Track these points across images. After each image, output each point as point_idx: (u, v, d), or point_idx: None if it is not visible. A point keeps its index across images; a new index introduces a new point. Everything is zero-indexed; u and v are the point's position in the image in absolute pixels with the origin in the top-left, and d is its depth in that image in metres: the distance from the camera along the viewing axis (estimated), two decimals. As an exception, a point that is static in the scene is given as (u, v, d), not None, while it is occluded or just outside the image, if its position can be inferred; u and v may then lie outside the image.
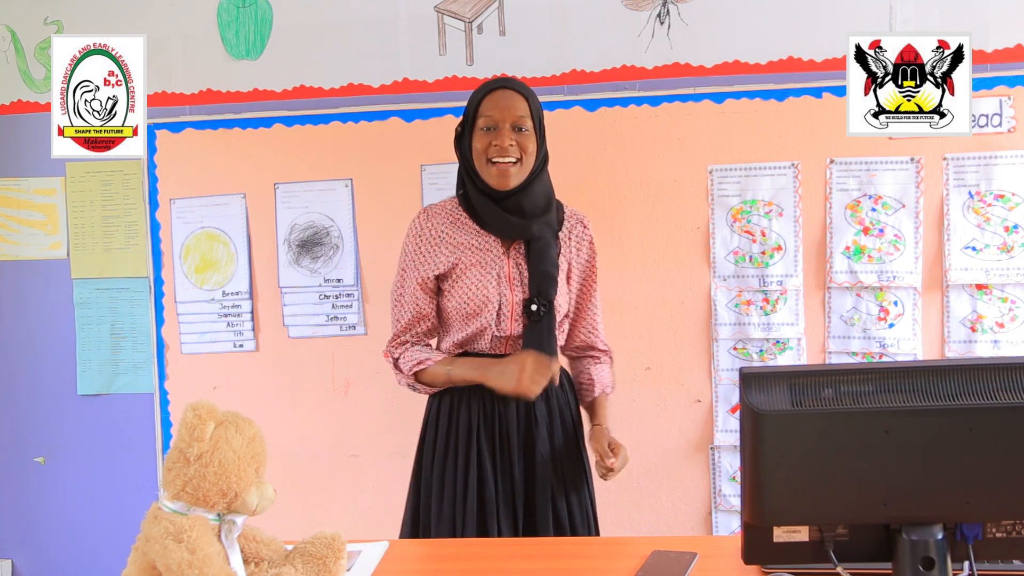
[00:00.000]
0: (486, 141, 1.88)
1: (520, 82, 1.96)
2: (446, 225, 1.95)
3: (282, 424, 2.69)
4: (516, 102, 1.90)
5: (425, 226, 1.95)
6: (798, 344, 2.52)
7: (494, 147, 1.87)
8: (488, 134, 1.88)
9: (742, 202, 2.53)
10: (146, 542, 1.30)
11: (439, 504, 1.96)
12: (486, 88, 1.93)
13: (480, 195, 1.92)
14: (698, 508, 2.59)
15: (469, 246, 1.93)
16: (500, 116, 1.88)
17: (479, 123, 1.90)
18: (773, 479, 1.17)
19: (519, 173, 1.89)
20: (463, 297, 1.91)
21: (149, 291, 2.77)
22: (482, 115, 1.90)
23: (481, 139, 1.89)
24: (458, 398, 1.96)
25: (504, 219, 1.91)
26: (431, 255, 1.93)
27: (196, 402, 1.31)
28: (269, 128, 2.68)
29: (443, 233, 1.94)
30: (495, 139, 1.87)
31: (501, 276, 1.92)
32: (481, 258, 1.92)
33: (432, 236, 1.94)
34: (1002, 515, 1.19)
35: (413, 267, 1.95)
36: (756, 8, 2.50)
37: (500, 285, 1.91)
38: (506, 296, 1.91)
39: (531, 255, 1.91)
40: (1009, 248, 2.43)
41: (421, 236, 1.95)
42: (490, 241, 1.93)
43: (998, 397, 1.13)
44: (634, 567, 1.51)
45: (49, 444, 2.85)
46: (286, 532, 1.53)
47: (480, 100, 1.91)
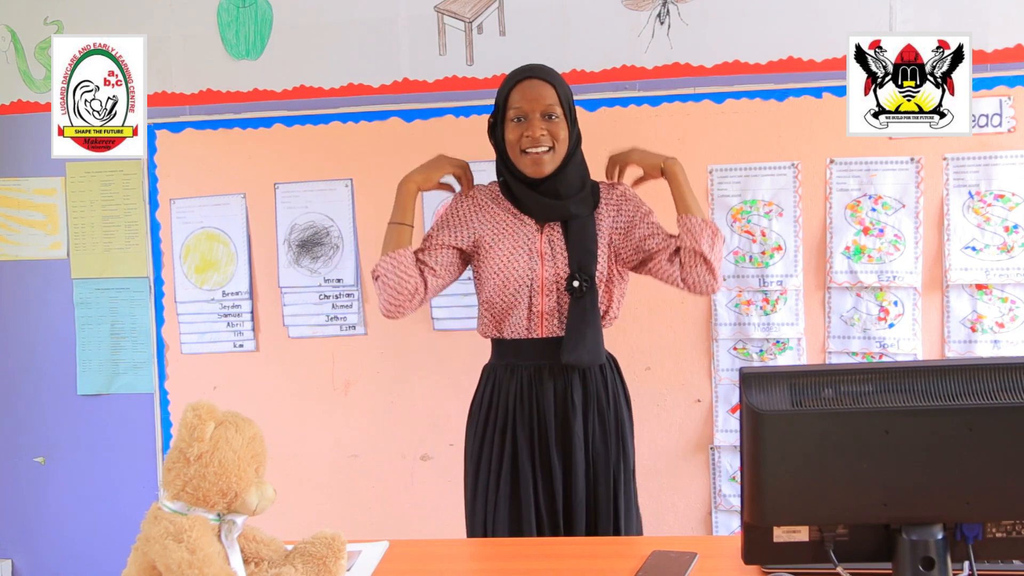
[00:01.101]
0: (518, 132, 1.91)
1: (546, 68, 1.97)
2: (488, 198, 2.01)
3: (282, 424, 2.69)
4: (544, 91, 1.92)
5: (471, 193, 2.02)
6: (798, 344, 2.52)
7: (526, 138, 1.90)
8: (519, 125, 1.91)
9: (742, 202, 2.53)
10: (146, 542, 1.30)
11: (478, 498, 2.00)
12: (513, 79, 1.95)
13: (517, 182, 1.96)
14: (698, 508, 2.59)
15: (504, 221, 1.98)
16: (529, 107, 1.91)
17: (509, 114, 1.93)
18: (773, 479, 1.17)
19: (553, 160, 1.92)
20: (494, 268, 1.95)
21: (149, 291, 2.77)
22: (512, 107, 1.93)
23: (513, 130, 1.92)
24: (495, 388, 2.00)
25: (541, 202, 1.94)
26: (467, 220, 2.00)
27: (196, 402, 1.31)
28: (269, 128, 2.68)
29: (484, 203, 2.00)
30: (526, 130, 1.90)
31: (533, 251, 1.95)
32: (514, 232, 1.97)
33: (473, 205, 2.00)
34: (1002, 515, 1.19)
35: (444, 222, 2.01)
36: (756, 8, 2.50)
37: (531, 259, 1.95)
38: (536, 270, 1.95)
39: (570, 232, 1.95)
40: (1009, 248, 2.43)
41: (461, 203, 2.01)
42: (525, 220, 1.97)
43: (998, 397, 1.13)
44: (634, 567, 1.51)
45: (49, 444, 2.85)
46: (286, 532, 1.53)
47: (509, 91, 1.94)
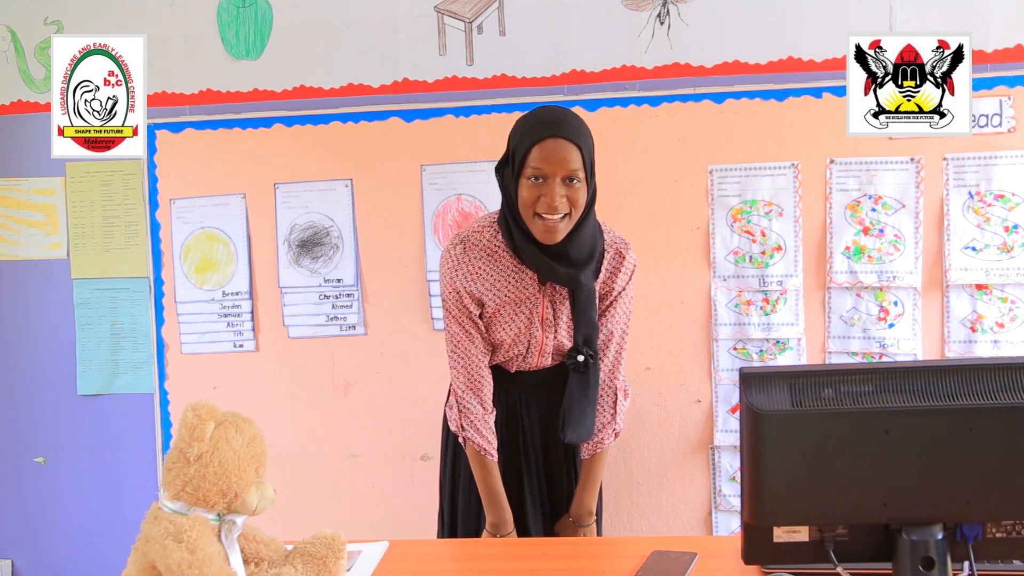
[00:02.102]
0: (535, 194, 1.73)
1: (573, 124, 1.77)
2: (483, 260, 1.84)
3: (282, 424, 2.69)
4: (569, 153, 1.72)
5: (462, 259, 1.85)
6: (798, 344, 2.52)
7: (543, 203, 1.72)
8: (537, 186, 1.73)
9: (742, 202, 2.53)
10: (146, 542, 1.30)
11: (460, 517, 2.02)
12: (535, 134, 1.73)
13: (525, 239, 1.79)
14: (698, 508, 2.59)
15: (506, 284, 1.85)
16: (551, 169, 1.71)
17: (527, 172, 1.73)
18: (773, 479, 1.17)
19: (567, 226, 1.76)
20: (494, 330, 1.90)
21: (149, 291, 2.77)
22: (530, 165, 1.73)
23: (529, 191, 1.73)
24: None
25: (549, 265, 1.79)
26: (468, 287, 1.85)
27: (196, 402, 1.31)
28: (269, 128, 2.68)
29: (481, 269, 1.84)
30: (544, 194, 1.72)
31: (534, 316, 1.88)
32: (516, 297, 1.86)
33: (470, 273, 1.85)
34: (1002, 515, 1.19)
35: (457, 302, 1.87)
36: (756, 8, 2.50)
37: (531, 326, 1.89)
38: (536, 336, 1.90)
39: (576, 303, 1.83)
40: (1009, 248, 2.43)
41: (458, 268, 1.85)
42: (527, 278, 1.85)
43: (998, 397, 1.13)
44: (634, 567, 1.51)
45: (49, 444, 2.85)
46: (286, 532, 1.53)
47: (529, 148, 1.73)
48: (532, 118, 1.80)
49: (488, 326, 1.90)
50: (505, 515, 1.91)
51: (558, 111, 1.81)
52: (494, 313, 1.87)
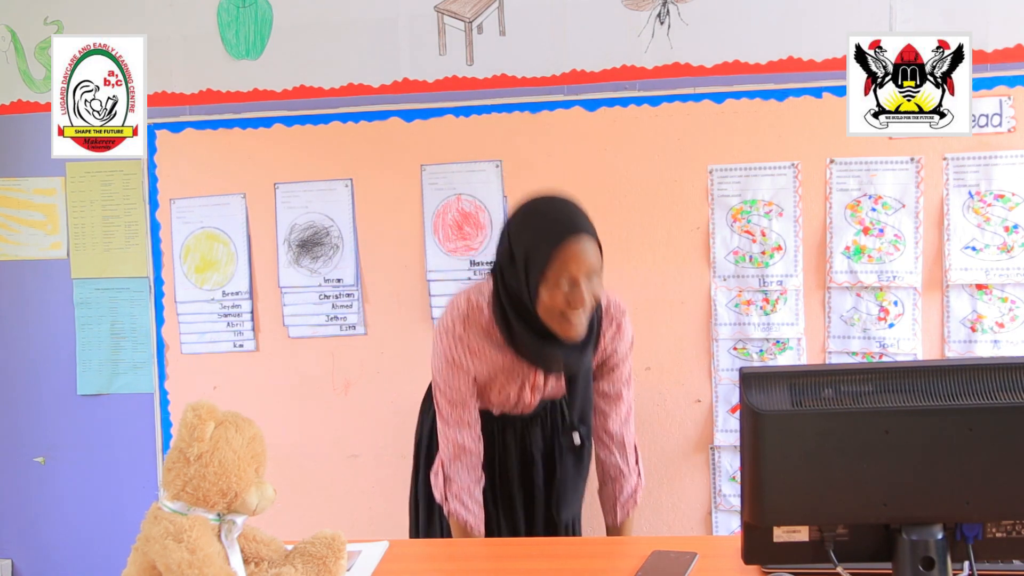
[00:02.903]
0: (561, 297, 1.67)
1: (583, 214, 1.73)
2: (482, 339, 1.81)
3: (282, 424, 2.69)
4: (592, 251, 1.69)
5: (463, 336, 1.81)
6: (798, 344, 2.52)
7: (570, 305, 1.68)
8: (563, 290, 1.67)
9: (742, 202, 2.53)
10: (146, 542, 1.30)
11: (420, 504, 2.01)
12: (555, 238, 1.67)
13: (531, 336, 1.75)
14: (698, 508, 2.59)
15: (502, 361, 1.82)
16: (577, 271, 1.67)
17: (552, 277, 1.67)
18: (773, 479, 1.17)
19: (587, 319, 1.74)
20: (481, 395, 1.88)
21: (149, 291, 2.77)
22: (557, 269, 1.66)
23: (555, 295, 1.68)
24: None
25: (553, 356, 1.77)
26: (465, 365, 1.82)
27: (196, 402, 1.31)
28: (269, 128, 2.69)
29: (479, 348, 1.81)
30: (572, 296, 1.67)
31: (525, 384, 1.87)
32: (510, 370, 1.84)
33: (470, 347, 1.81)
34: (1002, 515, 1.19)
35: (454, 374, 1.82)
36: (756, 8, 2.50)
37: (523, 391, 1.88)
38: (525, 399, 1.90)
39: (573, 383, 1.83)
40: (1009, 248, 2.43)
41: (458, 344, 1.81)
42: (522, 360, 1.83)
43: (998, 397, 1.13)
44: (634, 567, 1.51)
45: (49, 444, 2.85)
46: (286, 532, 1.53)
47: (550, 253, 1.66)
48: (541, 218, 1.73)
49: (478, 389, 1.87)
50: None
51: (561, 203, 1.76)
52: (485, 382, 1.85)
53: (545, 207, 1.75)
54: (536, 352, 1.77)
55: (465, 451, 1.85)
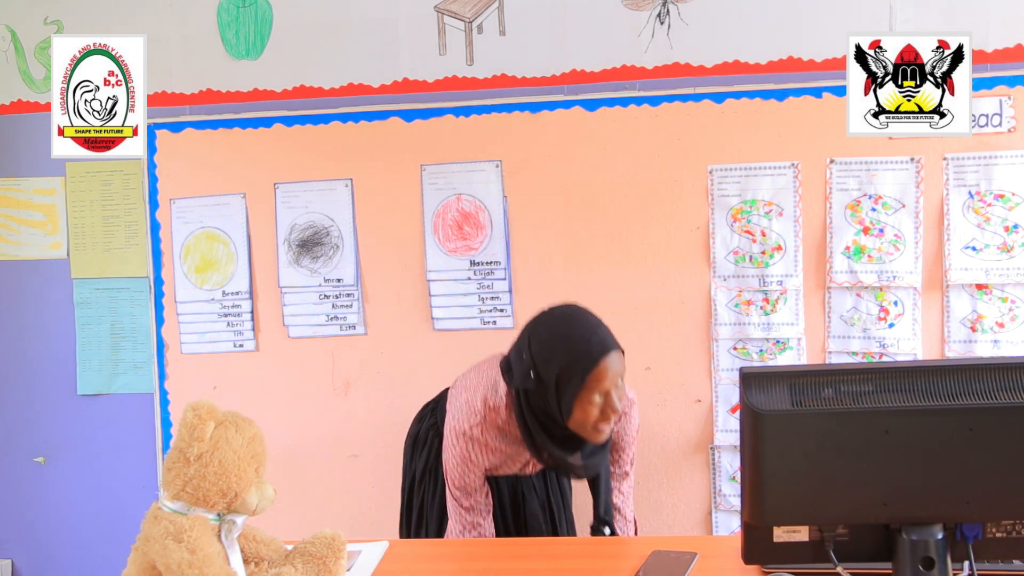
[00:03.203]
0: (596, 412, 1.74)
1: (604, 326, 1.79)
2: (497, 439, 1.86)
3: (282, 424, 2.69)
4: (621, 362, 1.76)
5: (479, 439, 1.85)
6: (798, 344, 2.52)
7: (605, 417, 1.75)
8: (597, 404, 1.74)
9: (742, 202, 2.53)
10: (146, 542, 1.30)
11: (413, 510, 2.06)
12: (589, 360, 1.72)
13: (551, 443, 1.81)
14: (698, 508, 2.59)
15: (515, 454, 1.89)
16: (612, 382, 1.74)
17: (587, 395, 1.73)
18: (773, 479, 1.17)
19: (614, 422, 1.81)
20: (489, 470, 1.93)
21: (149, 291, 2.77)
22: (594, 387, 1.73)
23: (588, 410, 1.74)
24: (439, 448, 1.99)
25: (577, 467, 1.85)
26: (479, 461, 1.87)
27: (196, 402, 1.31)
28: (269, 128, 2.68)
29: (495, 446, 1.86)
30: (606, 408, 1.74)
31: (530, 462, 1.94)
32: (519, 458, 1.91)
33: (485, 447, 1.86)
34: (1002, 515, 1.19)
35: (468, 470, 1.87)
36: (756, 8, 2.50)
37: (525, 467, 1.95)
38: (528, 469, 1.97)
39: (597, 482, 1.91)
40: (1009, 248, 2.43)
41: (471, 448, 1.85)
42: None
43: (998, 397, 1.13)
44: (634, 567, 1.51)
45: (49, 444, 2.85)
46: (286, 532, 1.53)
47: (587, 376, 1.72)
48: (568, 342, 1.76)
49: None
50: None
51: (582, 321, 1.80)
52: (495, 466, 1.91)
53: (568, 329, 1.78)
54: (559, 461, 1.84)
55: (475, 525, 1.90)
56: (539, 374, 1.75)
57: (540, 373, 1.75)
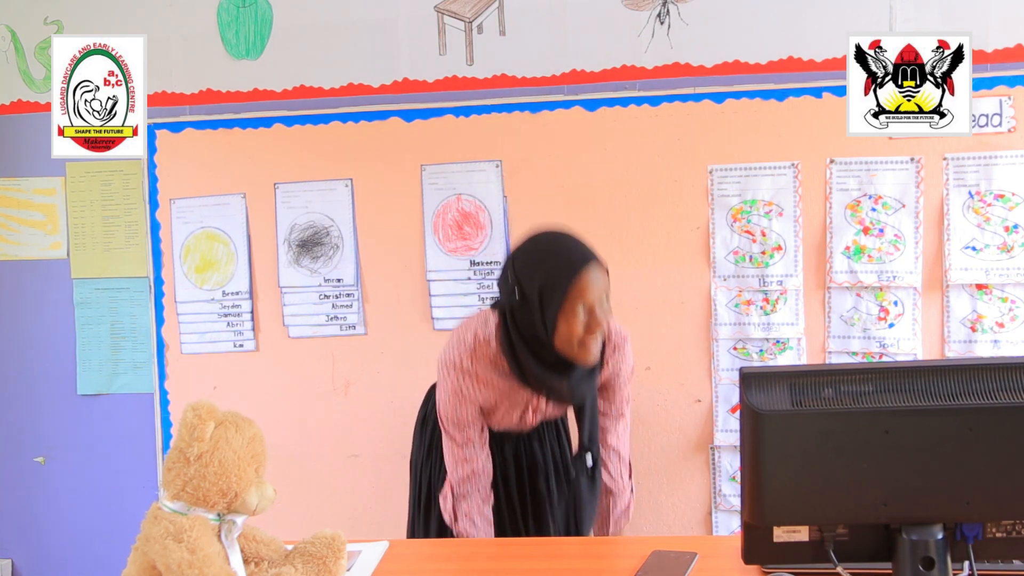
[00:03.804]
0: (579, 325, 1.74)
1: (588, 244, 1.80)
2: (489, 370, 1.86)
3: (282, 424, 2.69)
4: (602, 275, 1.77)
5: (471, 370, 1.85)
6: (798, 344, 2.52)
7: (590, 330, 1.75)
8: (581, 318, 1.74)
9: (742, 202, 2.53)
10: (146, 542, 1.30)
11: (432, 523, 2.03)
12: (572, 269, 1.74)
13: (539, 366, 1.80)
14: (698, 508, 2.59)
15: (509, 390, 1.88)
16: (593, 297, 1.74)
17: (570, 306, 1.73)
18: (773, 479, 1.17)
19: (600, 343, 1.81)
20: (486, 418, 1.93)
21: (149, 291, 2.77)
22: (574, 300, 1.73)
23: (575, 323, 1.73)
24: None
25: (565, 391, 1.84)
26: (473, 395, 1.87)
27: (196, 402, 1.31)
28: (269, 128, 2.68)
29: (488, 378, 1.86)
30: (591, 322, 1.74)
31: (528, 407, 1.93)
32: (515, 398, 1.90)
33: (478, 378, 1.86)
34: (1002, 515, 1.19)
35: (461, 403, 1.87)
36: (756, 8, 2.50)
37: (525, 413, 1.94)
38: (527, 420, 1.95)
39: (582, 409, 1.89)
40: (1009, 248, 2.43)
41: (465, 377, 1.85)
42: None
43: (998, 397, 1.13)
44: (634, 567, 1.51)
45: (49, 444, 2.85)
46: (286, 532, 1.53)
47: (569, 285, 1.73)
48: (550, 256, 1.77)
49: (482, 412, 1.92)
50: None
51: (564, 237, 1.81)
52: (491, 408, 1.91)
53: (549, 244, 1.80)
54: (547, 385, 1.83)
55: (474, 474, 1.90)
56: (523, 291, 1.77)
57: (524, 290, 1.76)
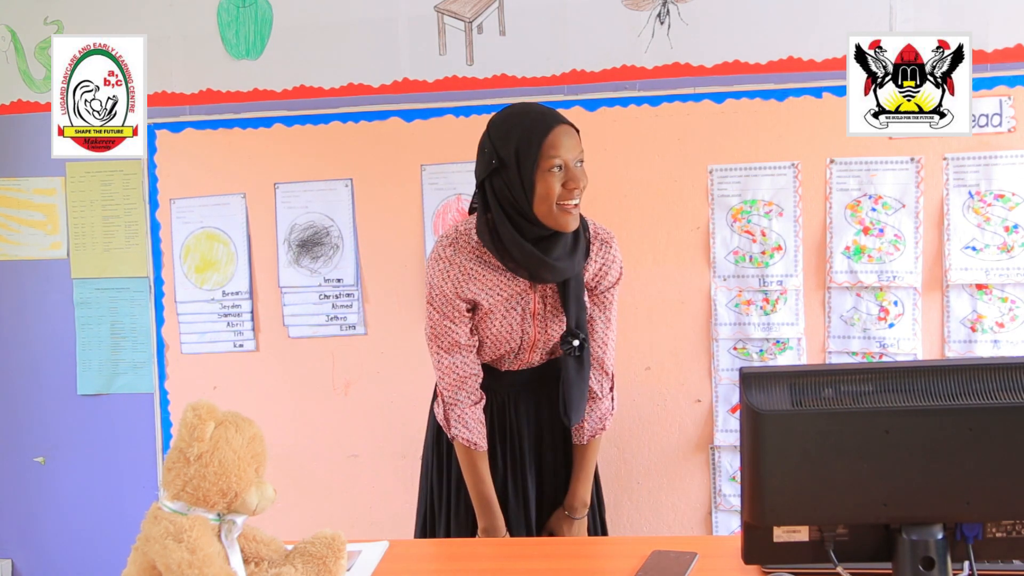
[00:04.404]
0: (556, 184, 1.75)
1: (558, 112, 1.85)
2: (473, 261, 1.84)
3: (282, 424, 2.69)
4: (576, 137, 1.80)
5: (454, 259, 1.84)
6: (798, 344, 2.52)
7: (567, 189, 1.75)
8: (557, 176, 1.75)
9: (742, 202, 2.53)
10: (146, 542, 1.30)
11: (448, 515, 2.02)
12: (543, 127, 1.77)
13: (523, 243, 1.79)
14: (698, 508, 2.59)
15: (497, 283, 1.85)
16: (569, 155, 1.76)
17: (544, 164, 1.74)
18: (773, 479, 1.17)
19: (578, 209, 1.80)
20: (487, 330, 1.90)
21: (149, 291, 2.77)
22: (548, 156, 1.74)
23: (551, 182, 1.74)
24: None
25: (542, 265, 1.79)
26: (460, 289, 1.84)
27: (196, 402, 1.31)
28: (269, 128, 2.68)
29: (472, 270, 1.84)
30: (568, 181, 1.75)
31: (526, 313, 1.89)
32: (508, 294, 1.86)
33: (462, 270, 1.84)
34: (1002, 515, 1.19)
35: (446, 301, 1.85)
36: (756, 8, 2.50)
37: (524, 322, 1.89)
38: (528, 332, 1.91)
39: (568, 290, 1.86)
40: (1009, 248, 2.43)
41: (450, 268, 1.84)
42: (518, 280, 1.86)
43: (998, 397, 1.13)
44: (634, 567, 1.51)
45: (49, 444, 2.85)
46: (286, 532, 1.53)
47: (541, 141, 1.75)
48: (521, 118, 1.81)
49: (480, 325, 1.90)
50: (497, 521, 1.91)
51: (532, 104, 1.89)
52: (486, 313, 1.87)
53: (522, 108, 1.86)
54: (527, 260, 1.80)
55: (462, 377, 1.89)
56: (499, 155, 1.79)
57: (500, 154, 1.78)
